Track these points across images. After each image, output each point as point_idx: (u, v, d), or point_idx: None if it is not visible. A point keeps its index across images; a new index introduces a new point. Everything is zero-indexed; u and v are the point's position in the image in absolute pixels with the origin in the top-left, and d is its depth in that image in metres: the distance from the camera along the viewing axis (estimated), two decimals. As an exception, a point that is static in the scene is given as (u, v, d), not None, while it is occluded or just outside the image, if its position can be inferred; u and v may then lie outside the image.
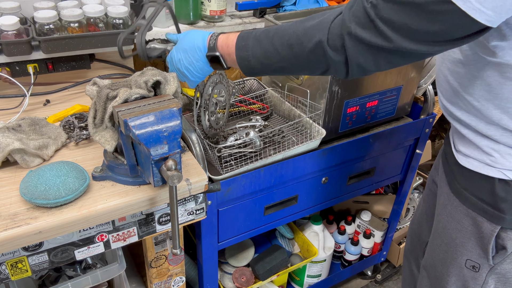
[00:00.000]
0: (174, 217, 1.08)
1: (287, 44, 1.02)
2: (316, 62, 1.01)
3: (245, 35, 1.11)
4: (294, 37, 1.01)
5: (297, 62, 1.04)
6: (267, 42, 1.06)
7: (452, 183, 1.27)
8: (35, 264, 1.11)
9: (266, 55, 1.07)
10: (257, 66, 1.10)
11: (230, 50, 1.12)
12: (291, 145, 1.50)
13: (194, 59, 1.19)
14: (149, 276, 1.46)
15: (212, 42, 1.16)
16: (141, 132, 0.99)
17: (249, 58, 1.09)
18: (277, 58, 1.06)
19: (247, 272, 1.93)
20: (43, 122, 1.33)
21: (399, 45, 0.89)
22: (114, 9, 1.50)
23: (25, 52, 1.38)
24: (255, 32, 1.10)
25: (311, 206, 1.77)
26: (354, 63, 0.95)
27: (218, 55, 1.15)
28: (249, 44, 1.09)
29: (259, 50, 1.07)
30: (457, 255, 1.29)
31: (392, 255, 2.59)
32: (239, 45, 1.10)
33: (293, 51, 1.02)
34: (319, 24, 0.97)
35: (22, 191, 1.05)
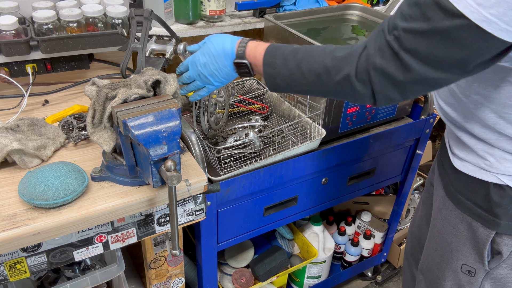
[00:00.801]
0: (173, 218, 1.08)
1: (314, 72, 1.02)
2: (342, 93, 1.01)
3: (273, 51, 1.09)
4: (322, 66, 1.00)
5: (323, 89, 1.03)
6: (294, 65, 1.05)
7: (447, 186, 1.26)
8: (33, 265, 1.11)
9: (293, 78, 1.06)
10: (283, 85, 1.09)
11: (257, 62, 1.11)
12: (291, 146, 1.49)
13: (222, 64, 1.17)
14: (148, 277, 1.46)
15: (241, 49, 1.14)
16: (140, 133, 0.99)
17: (275, 76, 1.08)
18: (303, 83, 1.05)
19: (247, 273, 1.93)
20: (42, 122, 1.32)
21: (426, 75, 0.88)
22: (113, 9, 1.49)
23: (24, 52, 1.37)
24: (283, 50, 1.08)
25: (311, 207, 1.77)
26: (381, 95, 0.95)
27: (247, 63, 1.13)
28: (276, 62, 1.07)
29: (286, 71, 1.06)
30: (452, 260, 1.28)
31: (393, 256, 2.58)
32: (267, 61, 1.09)
33: (320, 79, 1.01)
34: (348, 57, 0.97)
35: (21, 191, 1.05)
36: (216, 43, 1.17)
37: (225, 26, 1.84)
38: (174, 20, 1.79)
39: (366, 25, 1.87)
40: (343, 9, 1.94)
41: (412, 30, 0.85)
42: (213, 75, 1.19)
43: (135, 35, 1.27)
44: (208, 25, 1.82)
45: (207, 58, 1.18)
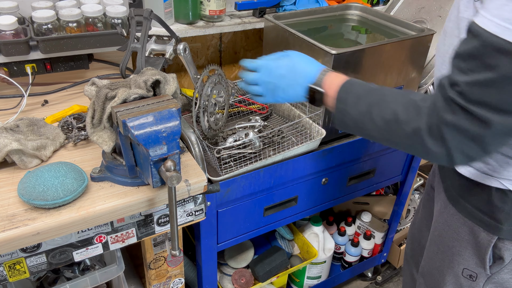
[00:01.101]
0: (173, 218, 1.08)
1: (384, 119, 0.96)
2: (412, 147, 0.95)
3: (348, 87, 1.05)
4: (393, 114, 0.94)
5: (391, 138, 0.98)
6: (366, 107, 0.99)
7: (448, 190, 1.25)
8: (33, 265, 1.11)
9: (362, 120, 1.01)
10: (350, 124, 1.04)
11: (331, 93, 1.07)
12: (290, 146, 1.49)
13: (297, 83, 1.14)
14: (148, 278, 1.46)
15: (321, 77, 1.10)
16: (140, 133, 0.99)
17: (345, 114, 1.04)
18: (371, 127, 1.00)
19: (247, 274, 1.93)
20: (41, 122, 1.32)
21: (504, 123, 0.83)
22: (113, 8, 1.49)
23: (23, 52, 1.37)
24: (358, 88, 1.04)
25: (311, 207, 1.77)
26: (458, 153, 0.89)
27: (322, 92, 1.10)
28: (348, 100, 1.03)
29: (356, 111, 1.01)
30: (453, 264, 1.27)
31: (393, 256, 2.58)
32: (340, 96, 1.05)
33: (389, 127, 0.96)
34: (419, 108, 0.91)
35: (20, 192, 1.05)
36: (301, 61, 1.15)
37: (225, 26, 1.84)
38: (173, 20, 1.78)
39: (366, 25, 1.87)
40: (343, 9, 1.94)
41: (476, 82, 0.82)
42: (284, 90, 1.16)
43: (135, 35, 1.27)
44: (208, 25, 1.81)
45: (287, 71, 1.15)
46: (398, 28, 1.76)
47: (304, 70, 1.13)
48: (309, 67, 1.13)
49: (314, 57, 1.47)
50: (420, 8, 1.93)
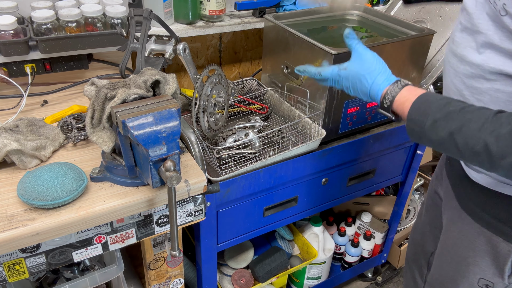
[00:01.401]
0: (173, 219, 1.08)
1: (472, 149, 0.89)
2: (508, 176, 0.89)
3: (422, 108, 0.98)
4: (483, 146, 0.87)
5: (482, 167, 0.91)
6: (447, 134, 0.92)
7: (461, 198, 1.21)
8: (32, 266, 1.11)
9: (443, 145, 0.94)
10: (428, 144, 0.99)
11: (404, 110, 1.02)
12: (290, 146, 1.49)
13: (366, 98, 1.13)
14: (147, 278, 1.46)
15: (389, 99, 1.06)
16: (139, 133, 0.98)
17: (421, 136, 0.98)
18: (455, 153, 0.93)
19: (247, 274, 1.92)
20: (41, 122, 1.32)
21: None
22: (112, 8, 1.49)
23: (23, 52, 1.37)
24: (434, 108, 0.95)
25: (311, 208, 1.76)
26: None
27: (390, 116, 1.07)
28: (424, 123, 0.96)
29: (434, 136, 0.95)
30: (469, 274, 1.24)
31: (393, 257, 2.58)
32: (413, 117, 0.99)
33: (479, 158, 0.89)
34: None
35: (20, 192, 1.05)
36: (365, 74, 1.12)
37: (224, 26, 1.84)
38: (173, 20, 1.78)
39: (367, 25, 1.87)
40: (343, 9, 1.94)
41: None
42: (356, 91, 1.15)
43: (135, 35, 1.26)
44: (207, 25, 1.81)
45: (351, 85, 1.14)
46: (398, 28, 1.76)
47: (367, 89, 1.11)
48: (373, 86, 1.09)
49: (314, 57, 1.48)
50: (420, 8, 1.93)
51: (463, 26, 1.04)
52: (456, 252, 1.26)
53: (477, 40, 0.98)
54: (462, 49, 1.04)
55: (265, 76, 1.84)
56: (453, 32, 1.11)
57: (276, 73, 1.73)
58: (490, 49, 0.95)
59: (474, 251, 1.20)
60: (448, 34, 1.78)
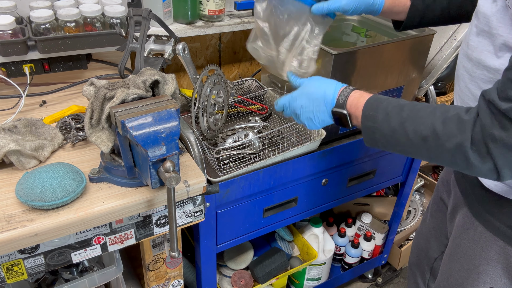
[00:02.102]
0: (172, 220, 1.08)
1: (420, 134, 0.93)
2: (453, 162, 0.91)
3: (375, 104, 1.01)
4: (430, 130, 0.91)
5: (429, 154, 0.94)
6: (398, 123, 0.96)
7: (473, 206, 1.19)
8: (31, 267, 1.10)
9: (394, 136, 0.97)
10: (382, 141, 1.01)
11: (357, 112, 1.04)
12: (290, 146, 1.48)
13: (319, 110, 1.11)
14: (146, 279, 1.45)
15: (343, 98, 1.07)
16: (138, 133, 0.98)
17: (374, 131, 1.00)
18: (405, 143, 0.96)
19: (246, 275, 1.92)
20: (39, 123, 1.32)
21: None
22: (111, 8, 1.49)
23: (21, 52, 1.36)
24: (386, 104, 0.99)
25: (311, 208, 1.76)
26: (506, 170, 0.86)
27: (346, 114, 1.07)
28: (377, 116, 0.99)
29: (387, 128, 0.98)
30: (479, 283, 1.22)
31: (393, 258, 2.58)
32: (367, 113, 1.01)
33: (426, 143, 0.92)
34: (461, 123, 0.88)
35: (18, 193, 1.04)
36: (317, 86, 1.12)
37: (224, 26, 1.83)
38: (172, 20, 1.78)
39: (366, 24, 1.86)
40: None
41: None
42: (309, 120, 1.14)
43: (134, 35, 1.26)
44: (207, 25, 1.81)
45: (305, 101, 1.13)
46: (399, 28, 1.75)
47: (321, 94, 1.10)
48: (327, 90, 1.10)
49: (314, 57, 1.47)
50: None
51: (478, 30, 1.01)
52: (466, 260, 1.24)
53: (495, 44, 0.96)
54: (478, 53, 1.02)
55: (264, 76, 1.84)
56: (467, 35, 1.08)
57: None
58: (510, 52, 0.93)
59: (486, 260, 1.18)
60: (448, 34, 1.78)
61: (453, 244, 1.31)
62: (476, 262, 1.21)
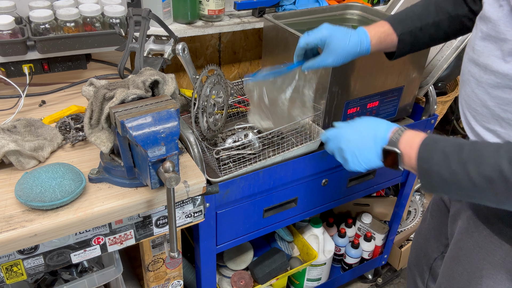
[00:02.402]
0: (171, 220, 1.07)
1: (485, 177, 0.85)
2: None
3: (431, 145, 0.95)
4: (497, 171, 0.83)
5: (498, 198, 0.87)
6: (458, 165, 0.88)
7: (478, 208, 1.17)
8: (30, 267, 1.10)
9: (455, 180, 0.90)
10: (441, 186, 0.93)
11: (412, 152, 0.97)
12: (290, 147, 1.48)
13: (366, 146, 1.05)
14: (146, 280, 1.45)
15: (396, 137, 1.01)
16: (138, 134, 0.98)
17: (432, 175, 0.93)
18: (468, 188, 0.89)
19: (246, 276, 1.92)
20: (39, 123, 1.32)
21: None
22: (111, 8, 1.48)
23: (20, 52, 1.36)
24: (443, 144, 0.93)
25: (311, 209, 1.76)
26: None
27: (398, 152, 0.99)
28: (433, 158, 0.93)
29: (446, 170, 0.90)
30: (482, 286, 1.20)
31: (393, 258, 2.57)
32: (422, 155, 0.95)
33: (493, 186, 0.85)
34: None
35: (18, 193, 1.04)
36: (369, 123, 1.07)
37: (224, 26, 1.83)
38: (172, 20, 1.78)
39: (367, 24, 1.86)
40: (343, 9, 1.93)
41: None
42: (353, 155, 1.07)
43: (133, 35, 1.26)
44: (207, 25, 1.81)
45: (352, 135, 1.08)
46: (399, 28, 1.75)
47: (372, 132, 1.05)
48: (378, 128, 1.05)
49: (314, 57, 1.47)
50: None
51: (484, 34, 1.00)
52: (469, 263, 1.23)
53: (503, 49, 0.95)
54: (485, 58, 1.00)
55: (264, 76, 1.83)
56: (472, 40, 1.07)
57: (276, 73, 1.73)
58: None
59: (491, 264, 1.16)
60: (448, 34, 1.77)
61: (455, 247, 1.29)
62: (480, 265, 1.19)
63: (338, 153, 1.12)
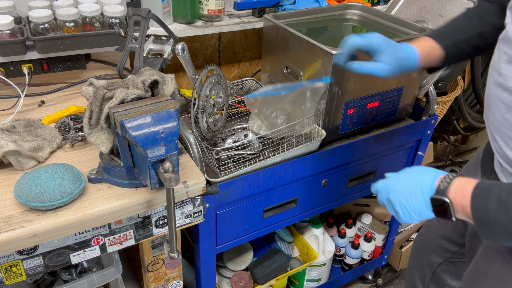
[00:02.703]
0: (171, 220, 1.07)
1: None
2: None
3: (484, 192, 0.91)
4: None
5: None
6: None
7: None
8: (29, 268, 1.10)
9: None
10: (503, 236, 0.89)
11: (465, 201, 0.93)
12: (290, 147, 1.48)
13: (414, 196, 1.01)
14: (146, 280, 1.45)
15: (444, 185, 0.97)
16: (137, 134, 0.97)
17: (491, 225, 0.89)
18: None
19: (246, 276, 1.91)
20: (38, 123, 1.31)
21: None
22: (110, 8, 1.48)
23: (20, 52, 1.36)
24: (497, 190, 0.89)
25: (311, 209, 1.76)
26: None
27: (447, 202, 0.95)
28: (490, 207, 0.88)
29: (506, 220, 0.86)
30: None
31: (393, 258, 2.57)
32: (476, 205, 0.91)
33: None
34: None
35: (17, 193, 1.04)
36: (415, 172, 1.05)
37: (223, 25, 1.83)
38: (172, 20, 1.77)
39: (367, 24, 1.86)
40: (343, 9, 1.93)
41: None
42: (402, 206, 1.03)
43: (133, 35, 1.25)
44: (206, 25, 1.80)
45: (400, 185, 1.05)
46: (399, 28, 1.75)
47: (418, 181, 1.02)
48: (424, 176, 1.01)
49: (314, 57, 1.47)
50: (421, 7, 1.92)
51: (510, 58, 0.98)
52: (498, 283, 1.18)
53: None
54: None
55: (264, 77, 1.83)
56: (496, 63, 1.04)
57: (276, 73, 1.72)
58: None
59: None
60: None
61: (481, 264, 1.24)
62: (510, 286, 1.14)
63: (388, 205, 1.09)
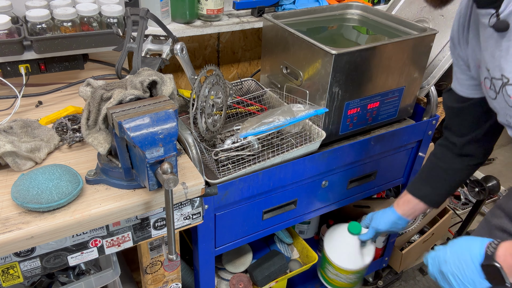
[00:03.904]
0: (170, 222, 1.07)
1: None
2: None
3: None
4: None
5: None
6: None
7: None
8: (27, 270, 1.10)
9: None
10: None
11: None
12: (290, 148, 1.47)
13: (465, 265, 1.01)
14: (144, 282, 1.45)
15: (491, 250, 0.97)
16: (136, 135, 0.97)
17: None
18: None
19: (245, 279, 1.91)
20: (35, 124, 1.31)
21: None
22: (108, 8, 1.48)
23: (17, 52, 1.36)
24: None
25: (310, 211, 1.75)
26: None
27: (498, 266, 0.94)
28: None
29: None
30: None
31: (394, 261, 2.56)
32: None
33: None
34: None
35: (14, 195, 1.04)
36: (463, 241, 1.05)
37: (222, 25, 1.82)
38: (170, 20, 1.77)
39: (367, 24, 1.85)
40: (343, 8, 1.92)
41: None
42: (455, 276, 1.03)
43: (131, 35, 1.25)
44: (205, 25, 1.80)
45: (450, 255, 1.05)
46: (400, 28, 1.75)
47: (467, 249, 1.02)
48: (472, 245, 1.02)
49: (314, 57, 1.46)
50: (422, 7, 1.91)
51: None
52: None
53: None
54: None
55: (264, 77, 1.83)
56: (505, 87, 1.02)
57: (275, 73, 1.72)
58: None
59: None
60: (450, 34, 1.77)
61: None
62: None
63: (440, 277, 1.09)
